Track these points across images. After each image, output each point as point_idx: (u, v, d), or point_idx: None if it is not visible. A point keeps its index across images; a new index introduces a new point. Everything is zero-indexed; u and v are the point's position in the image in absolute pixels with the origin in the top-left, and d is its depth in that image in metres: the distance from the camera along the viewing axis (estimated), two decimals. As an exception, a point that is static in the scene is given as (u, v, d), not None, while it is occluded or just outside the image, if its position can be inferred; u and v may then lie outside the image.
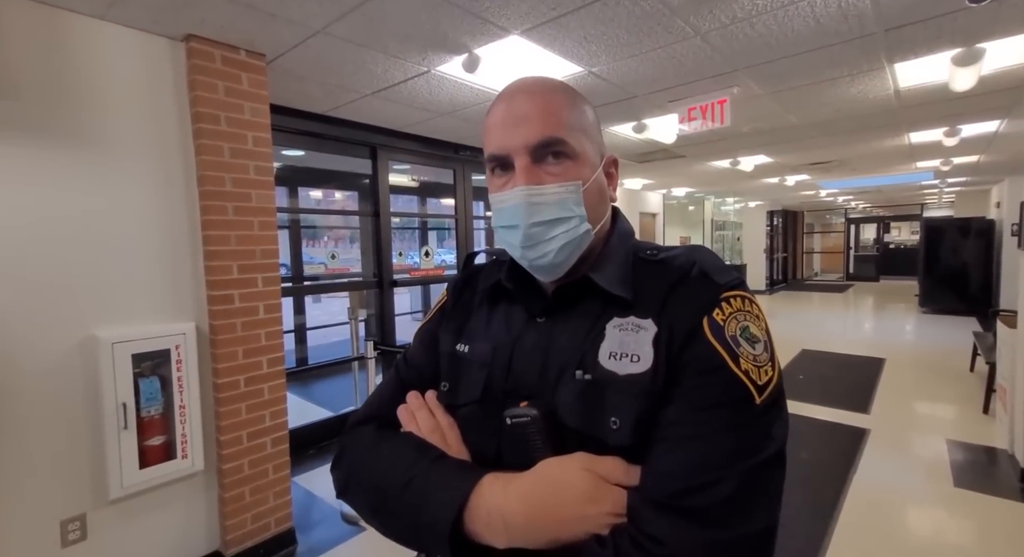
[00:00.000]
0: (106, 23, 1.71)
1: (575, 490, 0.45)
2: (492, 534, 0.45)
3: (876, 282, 13.21)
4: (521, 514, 0.45)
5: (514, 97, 0.53)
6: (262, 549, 2.04)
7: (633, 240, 0.60)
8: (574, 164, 0.52)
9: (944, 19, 1.87)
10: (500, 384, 0.55)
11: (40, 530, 1.60)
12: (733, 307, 0.48)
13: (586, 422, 0.49)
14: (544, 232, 0.52)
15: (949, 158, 5.13)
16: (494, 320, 0.61)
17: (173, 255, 1.88)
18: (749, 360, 0.45)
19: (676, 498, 0.42)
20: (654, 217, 8.02)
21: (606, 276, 0.54)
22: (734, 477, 0.42)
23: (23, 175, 1.56)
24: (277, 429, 2.11)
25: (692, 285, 0.50)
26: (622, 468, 0.46)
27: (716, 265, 0.52)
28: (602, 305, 0.53)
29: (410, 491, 0.50)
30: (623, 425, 0.47)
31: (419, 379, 0.63)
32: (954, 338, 5.87)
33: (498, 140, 0.53)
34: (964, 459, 2.77)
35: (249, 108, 1.99)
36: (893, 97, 2.87)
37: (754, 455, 0.43)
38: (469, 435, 0.56)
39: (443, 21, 1.78)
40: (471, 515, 0.46)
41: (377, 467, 0.55)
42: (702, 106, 2.71)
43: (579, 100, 0.55)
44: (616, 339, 0.50)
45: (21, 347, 1.57)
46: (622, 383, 0.48)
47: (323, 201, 7.60)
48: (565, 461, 0.47)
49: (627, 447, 0.46)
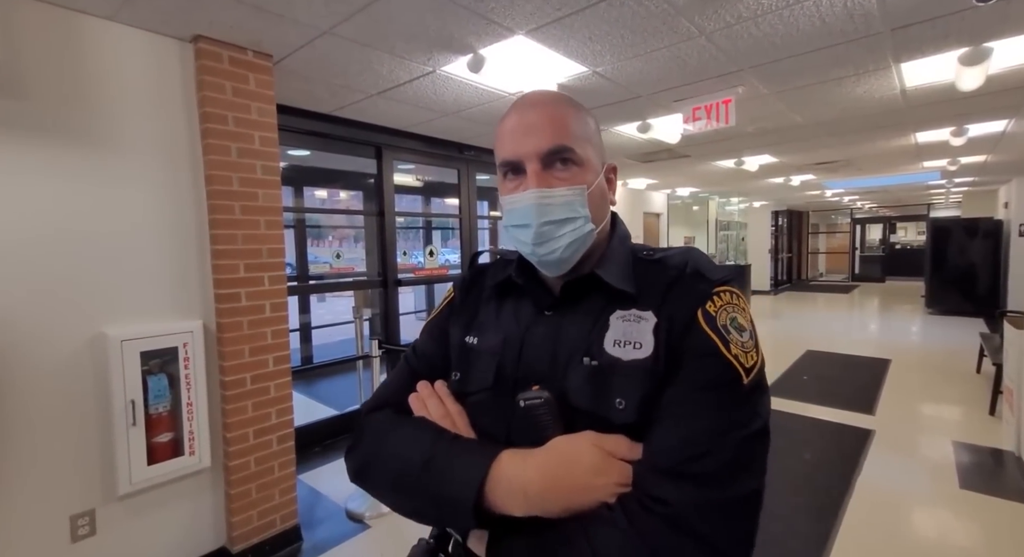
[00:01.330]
0: (116, 24, 1.73)
1: (585, 463, 0.50)
2: (512, 502, 0.50)
3: (882, 283, 13.13)
4: (538, 483, 0.49)
5: (526, 108, 0.59)
6: (268, 546, 2.06)
7: (630, 242, 0.66)
8: (580, 170, 0.58)
9: (951, 18, 1.87)
10: (511, 372, 0.60)
11: (50, 525, 1.62)
12: (723, 300, 0.54)
13: (593, 403, 0.54)
14: (553, 230, 0.57)
15: (956, 158, 5.10)
16: (503, 314, 0.66)
17: (181, 254, 1.90)
18: (738, 346, 0.52)
19: (680, 464, 0.47)
20: (658, 217, 8.01)
21: (611, 273, 0.59)
22: (728, 446, 0.48)
23: (34, 175, 1.58)
24: (283, 427, 2.13)
25: (688, 281, 0.56)
26: (626, 444, 0.51)
27: (709, 264, 0.59)
28: (606, 300, 0.59)
29: (431, 469, 0.54)
30: (628, 405, 0.52)
31: (429, 369, 0.67)
32: (960, 339, 5.83)
33: (511, 147, 0.58)
34: (970, 461, 2.75)
35: (256, 108, 2.00)
36: (899, 97, 2.86)
37: (744, 427, 0.49)
38: (479, 420, 0.60)
39: (449, 22, 1.79)
40: (492, 486, 0.50)
41: (396, 449, 0.59)
42: (707, 106, 2.70)
43: (583, 112, 0.61)
44: (620, 328, 0.56)
45: (32, 344, 1.59)
46: (626, 368, 0.53)
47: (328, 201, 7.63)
48: (575, 438, 0.52)
49: (630, 426, 0.52)
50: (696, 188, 7.61)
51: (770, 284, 11.16)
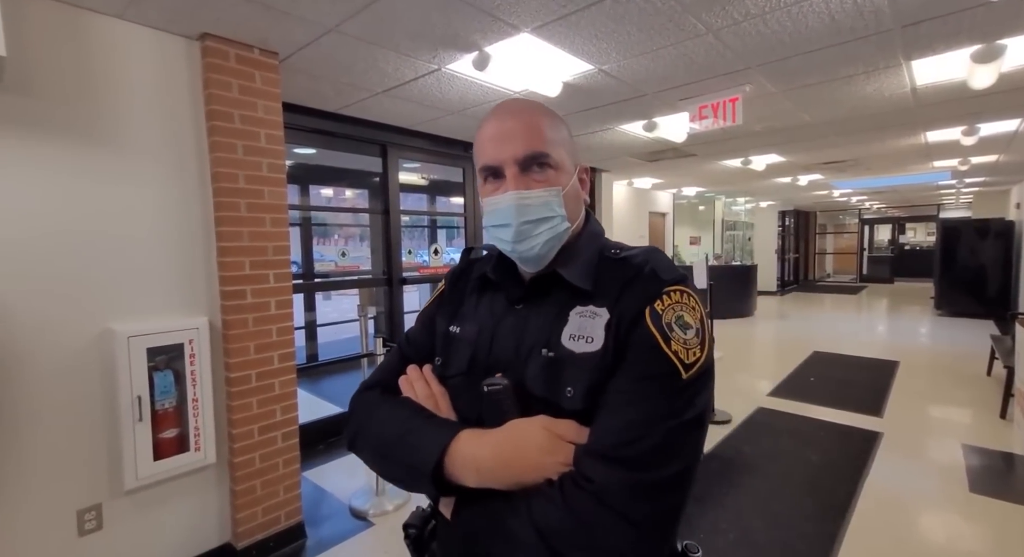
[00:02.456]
0: (124, 22, 1.74)
1: (535, 443, 0.56)
2: (466, 474, 0.57)
3: (890, 284, 13.00)
4: (490, 459, 0.56)
5: (504, 116, 0.64)
6: (272, 542, 2.07)
7: (602, 239, 0.69)
8: (555, 172, 0.63)
9: (963, 15, 1.84)
10: (483, 359, 0.66)
11: (57, 519, 1.64)
12: (672, 299, 0.58)
13: (548, 391, 0.59)
14: (532, 229, 0.63)
15: (967, 158, 5.03)
16: (481, 306, 0.72)
17: (187, 251, 1.91)
18: (679, 343, 0.55)
19: (612, 449, 0.52)
20: (663, 217, 7.97)
21: (571, 270, 0.64)
22: (658, 433, 0.52)
23: (44, 171, 1.60)
24: (288, 424, 2.14)
25: (642, 280, 0.60)
26: (574, 429, 0.57)
27: (665, 265, 0.62)
28: (569, 295, 0.63)
29: (404, 441, 0.62)
30: (576, 393, 0.57)
31: (417, 354, 0.75)
32: (971, 341, 5.76)
33: (491, 153, 0.63)
34: (980, 464, 2.72)
35: (262, 106, 2.01)
36: (910, 95, 2.82)
37: (677, 417, 0.53)
38: (457, 401, 0.67)
39: (454, 19, 1.79)
40: (450, 460, 0.57)
41: (379, 423, 0.67)
42: (713, 104, 2.68)
43: (557, 119, 0.66)
44: (576, 324, 0.61)
45: (41, 340, 1.60)
46: (578, 360, 0.58)
47: (334, 199, 7.65)
48: (529, 421, 0.58)
49: (579, 412, 0.57)
50: (702, 187, 7.57)
51: (777, 285, 11.08)
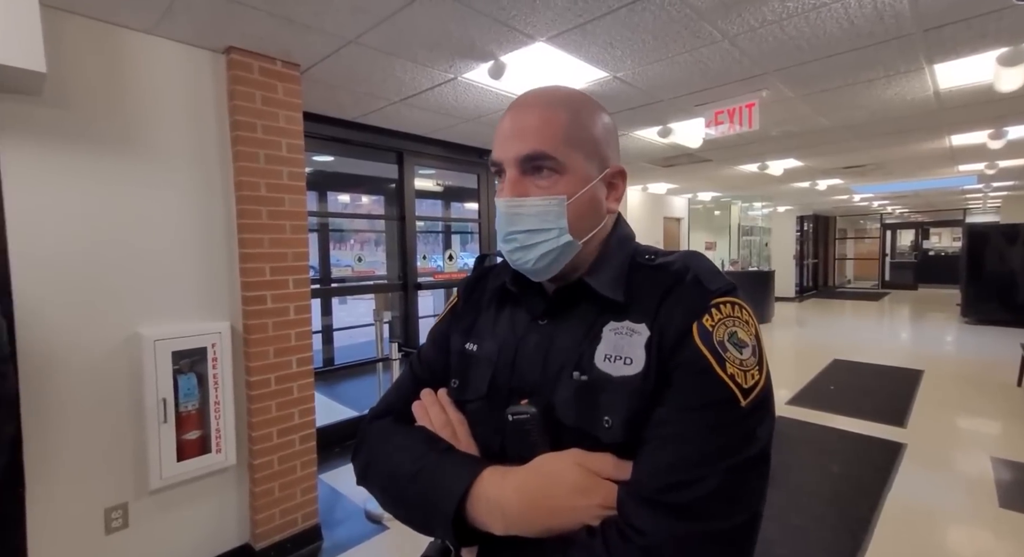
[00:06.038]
0: (154, 37, 1.81)
1: (567, 483, 0.48)
2: (491, 521, 0.49)
3: (914, 290, 12.65)
4: (516, 504, 0.48)
5: (518, 109, 0.57)
6: (289, 544, 2.10)
7: (633, 244, 0.61)
8: (561, 178, 0.55)
9: (988, 18, 1.80)
10: (505, 381, 0.59)
11: (86, 517, 1.69)
12: (723, 313, 0.50)
13: (581, 420, 0.52)
14: (525, 240, 0.56)
15: (994, 161, 4.90)
16: (501, 320, 0.64)
17: (210, 257, 1.97)
18: (735, 364, 0.47)
19: (660, 493, 0.44)
20: (678, 222, 7.90)
21: (600, 279, 0.56)
22: (716, 475, 0.44)
23: (75, 181, 1.66)
24: (305, 427, 2.17)
25: (685, 291, 0.52)
26: (612, 463, 0.49)
27: (710, 272, 0.54)
28: (599, 308, 0.56)
29: (419, 481, 0.54)
30: (615, 424, 0.50)
31: (431, 376, 0.67)
32: (1000, 350, 5.57)
33: (497, 149, 0.57)
34: (1011, 478, 2.62)
35: (284, 116, 2.07)
36: (933, 99, 2.76)
37: (737, 454, 0.45)
38: (476, 429, 0.59)
39: (471, 30, 1.82)
40: (472, 503, 0.50)
41: (391, 458, 0.59)
42: (729, 110, 2.66)
43: (584, 114, 0.57)
44: (611, 342, 0.53)
45: (73, 343, 1.66)
46: (615, 384, 0.51)
47: (351, 204, 7.77)
48: (560, 456, 0.50)
49: (619, 444, 0.49)
50: (718, 192, 7.49)
51: (795, 290, 10.88)
